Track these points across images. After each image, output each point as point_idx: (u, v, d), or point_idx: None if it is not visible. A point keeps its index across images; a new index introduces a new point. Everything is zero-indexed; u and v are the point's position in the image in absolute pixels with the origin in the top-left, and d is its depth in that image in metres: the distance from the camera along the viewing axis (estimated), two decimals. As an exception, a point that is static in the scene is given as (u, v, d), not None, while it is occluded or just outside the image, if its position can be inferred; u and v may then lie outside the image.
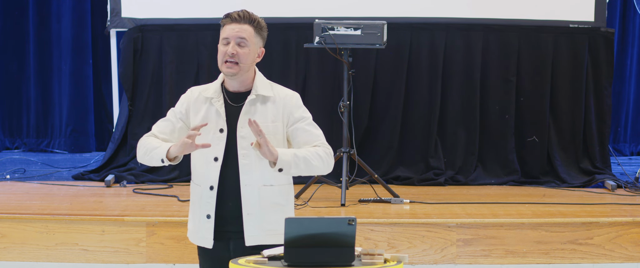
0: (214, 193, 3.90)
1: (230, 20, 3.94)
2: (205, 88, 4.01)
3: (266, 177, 3.89)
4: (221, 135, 3.90)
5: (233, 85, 3.95)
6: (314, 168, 3.85)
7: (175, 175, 7.32)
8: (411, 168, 7.39)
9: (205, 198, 3.92)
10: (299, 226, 3.45)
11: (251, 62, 3.93)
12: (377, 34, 6.53)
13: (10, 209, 5.95)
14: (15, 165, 7.95)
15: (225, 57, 3.91)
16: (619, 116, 9.07)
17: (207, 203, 3.92)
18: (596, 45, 7.44)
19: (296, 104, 3.96)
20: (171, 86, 7.47)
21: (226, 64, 3.91)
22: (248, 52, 3.91)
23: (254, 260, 3.59)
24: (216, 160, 3.90)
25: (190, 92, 4.04)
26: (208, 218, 3.92)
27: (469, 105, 7.46)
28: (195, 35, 7.47)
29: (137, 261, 5.69)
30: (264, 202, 3.91)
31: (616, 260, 5.78)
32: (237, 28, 3.92)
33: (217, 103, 3.93)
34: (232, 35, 3.91)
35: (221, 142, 3.90)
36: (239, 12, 3.94)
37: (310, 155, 3.85)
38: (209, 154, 3.90)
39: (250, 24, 3.93)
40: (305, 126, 3.93)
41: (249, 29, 3.92)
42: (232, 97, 3.95)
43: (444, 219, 5.82)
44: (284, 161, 3.78)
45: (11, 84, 8.97)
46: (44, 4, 8.86)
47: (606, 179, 7.16)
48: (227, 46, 3.92)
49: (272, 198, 3.93)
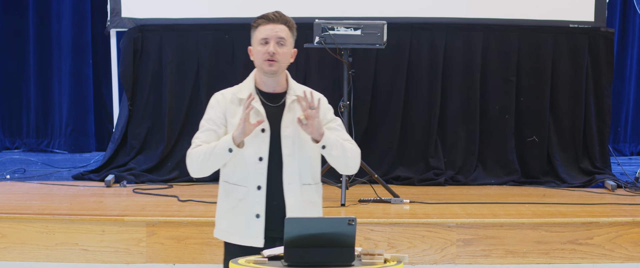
0: (262, 192, 3.96)
1: (266, 20, 4.00)
2: (238, 89, 4.05)
3: (306, 176, 3.99)
4: (264, 135, 3.96)
5: (269, 85, 4.01)
6: (348, 159, 3.96)
7: (175, 175, 7.32)
8: (411, 168, 7.39)
9: (253, 198, 3.97)
10: (299, 226, 3.45)
11: (288, 62, 4.02)
12: (377, 34, 6.53)
13: (10, 209, 5.94)
14: (15, 165, 7.95)
15: (266, 56, 3.96)
16: (619, 116, 9.07)
17: (256, 203, 3.97)
18: (596, 45, 7.44)
19: (326, 106, 4.07)
20: (171, 86, 7.47)
21: (268, 62, 3.96)
22: (286, 52, 4.00)
23: (254, 260, 3.59)
24: (261, 160, 3.95)
25: (220, 95, 4.06)
26: (257, 218, 3.97)
27: (469, 105, 7.47)
28: (195, 35, 7.47)
29: (137, 261, 5.69)
30: (304, 201, 4.00)
31: (616, 260, 5.78)
32: (276, 28, 3.98)
33: (255, 103, 3.95)
34: (272, 35, 3.97)
35: (265, 142, 3.96)
36: (274, 13, 4.01)
37: (348, 145, 3.97)
38: (253, 154, 3.95)
39: (285, 24, 4.01)
40: (336, 126, 4.04)
41: (286, 29, 4.00)
42: (267, 98, 4.01)
43: (444, 219, 5.81)
44: (329, 138, 3.88)
45: (11, 84, 8.97)
46: (44, 4, 8.86)
47: (606, 179, 7.16)
48: (267, 46, 3.96)
49: (310, 196, 4.03)
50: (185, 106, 7.48)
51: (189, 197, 6.51)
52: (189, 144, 7.82)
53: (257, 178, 3.96)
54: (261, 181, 3.95)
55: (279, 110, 3.98)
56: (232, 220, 4.03)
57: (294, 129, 3.94)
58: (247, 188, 3.97)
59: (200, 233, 5.70)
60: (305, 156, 3.98)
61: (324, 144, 3.87)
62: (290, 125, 3.95)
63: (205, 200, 6.36)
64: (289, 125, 3.96)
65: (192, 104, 7.48)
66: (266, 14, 4.00)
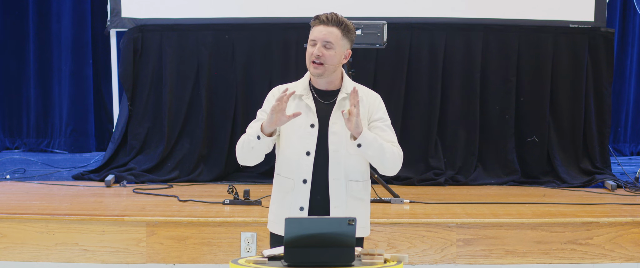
0: (307, 186, 4.03)
1: (319, 22, 4.07)
2: (293, 85, 4.12)
3: (353, 172, 4.06)
4: (312, 130, 4.03)
5: (321, 84, 4.09)
6: (385, 160, 4.01)
7: (175, 175, 7.32)
8: (411, 168, 7.39)
9: (298, 191, 4.04)
10: (299, 226, 3.45)
11: (337, 63, 4.05)
12: (377, 34, 6.53)
13: (10, 209, 5.94)
14: (15, 165, 7.95)
15: (312, 57, 4.04)
16: (619, 116, 9.07)
17: (301, 196, 4.04)
18: (596, 45, 7.44)
19: (379, 105, 4.13)
20: (171, 86, 7.47)
21: (313, 65, 4.05)
22: (334, 54, 4.03)
23: (254, 260, 3.59)
24: (308, 155, 4.03)
25: (276, 89, 4.12)
26: (301, 211, 4.04)
27: (469, 105, 7.47)
28: (195, 35, 7.47)
29: (137, 261, 5.69)
30: (350, 196, 4.06)
31: (616, 260, 5.78)
32: (325, 30, 4.05)
33: (307, 99, 4.06)
34: (319, 38, 4.04)
35: (313, 137, 4.03)
36: (327, 14, 4.07)
37: (387, 147, 4.02)
38: (301, 148, 4.02)
39: (337, 26, 4.06)
40: (384, 126, 4.10)
41: (335, 32, 4.05)
42: (321, 95, 4.08)
43: (444, 219, 5.82)
44: (366, 138, 3.93)
45: (11, 84, 8.97)
46: (44, 4, 8.86)
47: (606, 179, 7.16)
48: (314, 47, 4.04)
49: (357, 193, 4.09)
50: (185, 106, 7.48)
51: (189, 197, 6.51)
52: (189, 144, 7.88)
53: (304, 172, 4.03)
54: (307, 175, 4.03)
55: (329, 107, 4.05)
56: (279, 211, 4.10)
57: (342, 125, 4.00)
58: (293, 181, 4.05)
59: (200, 233, 5.70)
60: (354, 153, 4.03)
61: (359, 142, 3.92)
62: (338, 121, 4.02)
63: (205, 200, 6.37)
64: (337, 122, 4.03)
65: (192, 104, 7.48)
66: (319, 16, 4.08)
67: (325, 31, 4.04)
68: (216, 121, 7.48)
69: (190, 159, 7.43)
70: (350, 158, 4.04)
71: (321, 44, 4.03)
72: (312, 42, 4.05)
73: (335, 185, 4.04)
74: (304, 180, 4.03)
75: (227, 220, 5.75)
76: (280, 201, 4.12)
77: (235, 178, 7.36)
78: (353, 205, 4.07)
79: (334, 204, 4.03)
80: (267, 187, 6.93)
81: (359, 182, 4.10)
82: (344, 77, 4.12)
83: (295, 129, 4.03)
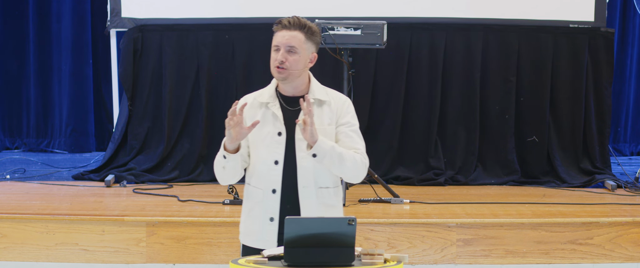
0: (277, 196, 3.94)
1: (281, 26, 3.96)
2: (259, 93, 4.02)
3: (322, 179, 3.95)
4: (280, 139, 3.94)
5: (287, 89, 3.98)
6: (345, 169, 3.89)
7: (175, 175, 7.32)
8: (411, 168, 7.39)
9: (268, 201, 3.95)
10: (299, 226, 3.45)
11: (302, 68, 3.95)
12: (377, 34, 6.53)
13: (10, 209, 5.94)
14: (15, 165, 7.95)
15: (275, 63, 3.92)
16: (619, 116, 9.07)
17: (271, 207, 3.95)
18: (596, 45, 7.44)
19: (347, 109, 4.01)
20: (171, 86, 7.47)
21: (277, 69, 3.93)
22: (298, 59, 3.93)
23: (254, 260, 3.58)
24: (277, 164, 3.93)
25: (243, 100, 3.99)
26: (271, 221, 3.95)
27: (469, 105, 7.46)
28: (195, 35, 7.47)
29: (137, 261, 5.69)
30: (320, 204, 3.96)
31: (616, 260, 5.78)
32: (288, 35, 3.93)
33: (273, 107, 3.95)
34: (282, 43, 3.93)
35: (280, 145, 3.93)
36: (290, 18, 3.96)
37: (347, 155, 3.89)
38: (269, 158, 3.93)
39: (301, 30, 3.95)
40: (349, 131, 3.98)
41: (299, 36, 3.94)
42: (287, 101, 3.98)
43: (444, 219, 5.81)
44: (321, 148, 3.81)
45: (11, 84, 8.97)
46: (44, 4, 8.86)
47: (606, 179, 7.16)
48: (278, 53, 3.93)
49: (328, 199, 3.98)
50: (185, 106, 7.48)
51: (189, 197, 6.51)
52: (189, 144, 7.88)
53: (272, 181, 3.94)
54: (276, 184, 3.93)
55: (296, 114, 3.92)
56: (249, 222, 4.02)
57: None
58: (262, 191, 3.96)
59: (200, 233, 5.70)
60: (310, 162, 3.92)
61: (314, 152, 3.80)
62: None
63: (205, 200, 6.37)
64: None
65: (192, 104, 7.48)
66: (282, 20, 3.97)
67: (289, 36, 3.92)
68: (216, 121, 7.48)
69: (190, 159, 7.43)
70: (319, 165, 3.88)
71: (284, 49, 3.90)
72: (276, 48, 3.93)
73: (304, 193, 3.93)
74: (273, 190, 3.93)
75: (227, 220, 5.75)
76: (249, 212, 4.02)
77: (235, 179, 7.35)
78: (324, 213, 3.93)
79: (305, 213, 3.92)
80: (267, 187, 6.95)
81: (330, 188, 3.98)
82: (311, 81, 4.01)
83: (263, 137, 3.93)
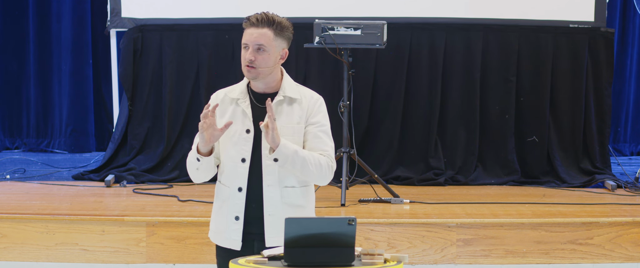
0: (242, 194, 3.89)
1: (249, 24, 3.89)
2: (231, 89, 3.97)
3: (287, 178, 3.88)
4: (248, 136, 3.89)
5: (258, 86, 3.93)
6: (309, 173, 3.83)
7: (175, 175, 7.32)
8: (411, 168, 7.39)
9: (234, 199, 3.90)
10: (299, 226, 3.45)
11: (272, 66, 3.88)
12: (377, 34, 6.53)
13: (10, 209, 5.94)
14: (15, 165, 7.95)
15: (245, 62, 3.87)
16: (619, 116, 9.06)
17: (236, 205, 3.90)
18: (596, 45, 7.44)
19: (318, 108, 3.94)
20: (171, 86, 7.47)
21: (246, 68, 3.87)
22: (267, 57, 3.86)
23: (254, 260, 3.58)
24: (244, 162, 3.88)
25: (215, 95, 3.98)
26: (236, 220, 3.91)
27: (469, 105, 7.46)
28: (195, 35, 7.47)
29: (137, 261, 5.69)
30: (285, 203, 3.90)
31: (616, 260, 5.78)
32: (256, 33, 3.86)
33: (243, 104, 3.91)
34: (250, 41, 3.86)
35: (248, 143, 3.88)
36: (258, 15, 3.89)
37: (311, 159, 3.83)
38: (236, 155, 3.88)
39: (269, 27, 3.88)
40: (318, 132, 3.91)
41: (268, 33, 3.87)
42: (259, 98, 3.92)
43: (444, 219, 5.81)
44: (283, 153, 3.75)
45: (11, 84, 8.97)
46: (44, 4, 8.86)
47: (606, 179, 7.16)
48: (247, 51, 3.87)
49: (294, 199, 3.92)
50: (185, 106, 7.48)
51: (189, 197, 6.51)
52: (189, 144, 7.85)
53: (239, 179, 3.88)
54: (242, 182, 3.88)
55: (266, 112, 3.80)
56: (217, 220, 3.99)
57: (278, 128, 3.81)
58: (229, 189, 3.91)
59: (200, 233, 5.70)
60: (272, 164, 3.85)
61: (275, 157, 3.75)
62: None
63: (205, 200, 6.36)
64: None
65: (192, 104, 7.48)
66: (250, 17, 3.89)
67: (257, 34, 3.84)
68: (216, 121, 7.47)
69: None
70: None
71: (253, 48, 3.84)
72: (244, 46, 3.86)
73: (269, 191, 3.86)
74: (240, 188, 3.87)
75: (227, 220, 5.74)
76: (218, 210, 3.97)
77: (235, 178, 7.35)
78: (289, 213, 3.82)
79: (268, 212, 3.87)
80: (267, 187, 6.95)
81: (296, 188, 3.90)
82: (284, 78, 3.94)
83: (231, 135, 3.87)
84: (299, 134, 3.89)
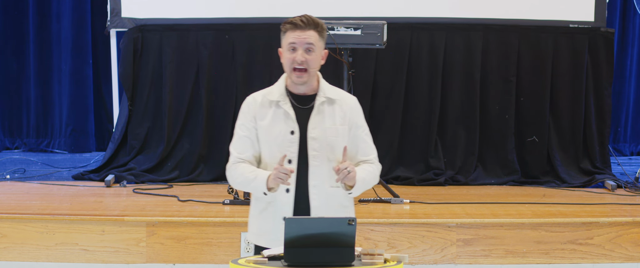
0: (290, 195, 3.93)
1: (294, 26, 3.93)
2: (268, 92, 4.01)
3: (333, 179, 3.91)
4: (293, 137, 3.92)
5: (300, 89, 3.97)
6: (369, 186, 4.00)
7: (175, 175, 7.32)
8: (411, 168, 7.39)
9: (281, 200, 3.94)
10: (299, 226, 3.45)
11: (318, 66, 3.95)
12: (377, 34, 6.53)
13: (10, 209, 5.94)
14: (15, 165, 7.95)
15: (294, 64, 3.90)
16: (619, 116, 9.07)
17: (284, 206, 3.94)
18: (596, 45, 7.44)
19: (358, 109, 4.04)
20: (171, 86, 7.47)
21: (296, 72, 3.91)
22: (316, 57, 3.92)
23: (254, 260, 3.59)
24: (290, 163, 3.91)
25: (251, 99, 4.01)
26: None
27: (469, 105, 7.47)
28: (195, 35, 7.47)
29: (137, 261, 5.69)
30: (331, 203, 3.95)
31: (616, 260, 5.78)
32: (304, 34, 3.91)
33: (285, 105, 3.94)
34: (299, 42, 3.90)
35: (294, 144, 3.92)
36: (302, 18, 3.94)
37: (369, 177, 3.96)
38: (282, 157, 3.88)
39: (314, 29, 3.93)
40: (364, 136, 4.02)
41: (314, 35, 3.93)
42: (298, 100, 3.97)
43: (444, 219, 5.81)
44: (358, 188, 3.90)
45: (11, 84, 8.97)
46: (44, 4, 8.86)
47: (606, 179, 7.16)
48: (295, 53, 3.90)
49: (339, 199, 3.97)
50: (185, 106, 7.48)
51: (189, 197, 6.51)
52: (189, 144, 7.86)
53: None
54: (290, 184, 3.90)
55: (307, 113, 3.93)
56: (262, 222, 4.01)
57: (321, 131, 3.92)
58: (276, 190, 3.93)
59: (200, 233, 5.70)
60: (335, 159, 3.92)
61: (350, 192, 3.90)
62: (317, 127, 3.92)
63: (205, 200, 6.37)
64: (316, 127, 3.93)
65: (192, 104, 7.48)
66: (294, 20, 3.94)
67: (305, 35, 3.90)
68: (216, 121, 7.48)
69: (190, 159, 7.43)
70: (330, 164, 3.90)
71: (303, 48, 3.89)
72: (291, 47, 3.90)
73: (315, 192, 3.93)
74: (287, 189, 3.92)
75: (227, 220, 5.75)
76: (262, 212, 4.00)
77: (235, 178, 7.35)
78: (335, 212, 3.91)
79: (315, 212, 3.91)
80: (267, 187, 6.95)
81: (340, 188, 3.94)
82: (320, 79, 4.00)
83: (275, 136, 3.92)
84: (342, 135, 3.95)
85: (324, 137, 3.91)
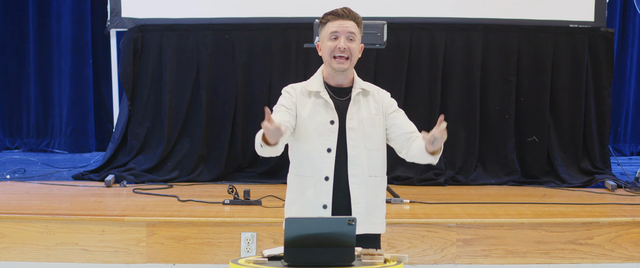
0: (330, 183, 3.99)
1: (336, 16, 4.04)
2: (306, 83, 4.08)
3: (371, 168, 4.05)
4: (333, 127, 4.01)
5: (338, 80, 4.05)
6: None
7: (175, 175, 7.32)
8: (411, 168, 7.39)
9: (321, 188, 4.00)
10: (299, 226, 3.45)
11: (357, 57, 4.05)
12: (377, 34, 6.53)
13: (10, 209, 5.94)
14: (15, 165, 7.95)
15: (335, 51, 4.00)
16: (619, 116, 9.07)
17: (324, 193, 4.00)
18: (596, 45, 7.44)
19: (390, 98, 4.16)
20: (171, 86, 7.47)
21: (336, 59, 4.00)
22: (356, 46, 4.04)
23: (254, 260, 3.58)
24: (330, 152, 3.99)
25: (291, 88, 4.08)
26: (324, 208, 4.01)
27: (469, 105, 7.47)
28: (195, 35, 7.47)
29: (137, 261, 5.69)
30: (368, 192, 4.04)
31: (616, 260, 5.78)
32: (346, 23, 4.02)
33: (325, 95, 4.02)
34: (342, 30, 4.01)
35: (333, 134, 4.00)
36: (342, 9, 4.05)
37: None
38: (321, 146, 3.99)
39: (354, 20, 4.05)
40: (403, 116, 4.16)
41: (354, 25, 4.04)
42: (334, 91, 4.05)
43: (444, 219, 5.81)
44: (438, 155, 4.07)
45: (11, 84, 8.98)
46: (44, 4, 8.86)
47: (606, 179, 7.16)
48: (337, 41, 4.00)
49: (375, 188, 4.08)
50: (185, 106, 7.48)
51: (189, 197, 6.51)
52: (189, 144, 7.86)
53: (325, 169, 3.99)
54: (329, 172, 3.99)
55: (345, 104, 4.02)
56: (301, 210, 4.06)
57: (358, 121, 4.01)
58: (314, 179, 4.00)
59: (200, 233, 5.70)
60: (372, 149, 4.04)
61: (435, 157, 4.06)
62: (355, 117, 4.01)
63: (205, 200, 6.37)
64: (354, 118, 4.02)
65: (192, 104, 7.48)
66: (335, 10, 4.04)
67: (347, 24, 4.01)
68: (216, 121, 7.49)
69: (190, 159, 7.43)
70: (368, 154, 4.03)
71: (345, 36, 4.00)
72: (334, 35, 4.00)
73: (354, 181, 4.01)
74: (327, 177, 3.99)
75: (227, 220, 5.75)
76: (299, 200, 4.06)
77: (235, 179, 7.36)
78: (372, 202, 4.06)
79: (355, 201, 4.01)
80: (267, 187, 6.96)
81: (378, 177, 4.08)
82: (354, 72, 4.11)
83: (315, 126, 4.00)
84: (379, 125, 4.07)
85: (361, 127, 4.01)
